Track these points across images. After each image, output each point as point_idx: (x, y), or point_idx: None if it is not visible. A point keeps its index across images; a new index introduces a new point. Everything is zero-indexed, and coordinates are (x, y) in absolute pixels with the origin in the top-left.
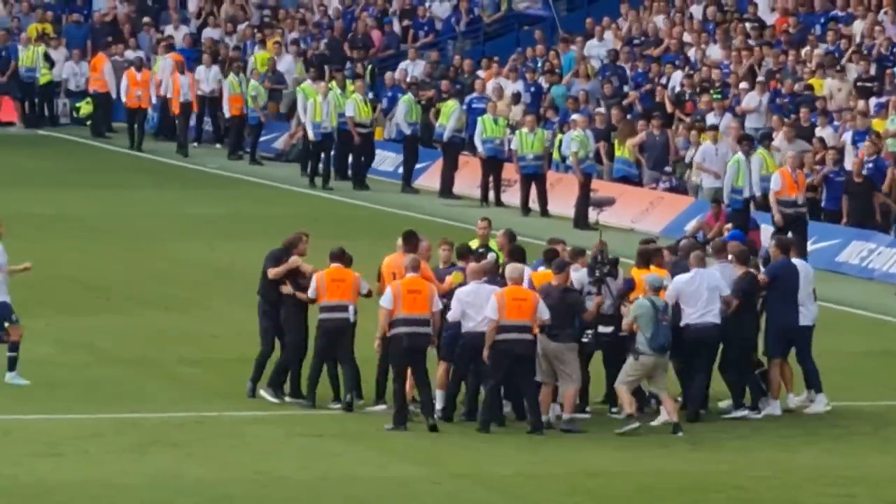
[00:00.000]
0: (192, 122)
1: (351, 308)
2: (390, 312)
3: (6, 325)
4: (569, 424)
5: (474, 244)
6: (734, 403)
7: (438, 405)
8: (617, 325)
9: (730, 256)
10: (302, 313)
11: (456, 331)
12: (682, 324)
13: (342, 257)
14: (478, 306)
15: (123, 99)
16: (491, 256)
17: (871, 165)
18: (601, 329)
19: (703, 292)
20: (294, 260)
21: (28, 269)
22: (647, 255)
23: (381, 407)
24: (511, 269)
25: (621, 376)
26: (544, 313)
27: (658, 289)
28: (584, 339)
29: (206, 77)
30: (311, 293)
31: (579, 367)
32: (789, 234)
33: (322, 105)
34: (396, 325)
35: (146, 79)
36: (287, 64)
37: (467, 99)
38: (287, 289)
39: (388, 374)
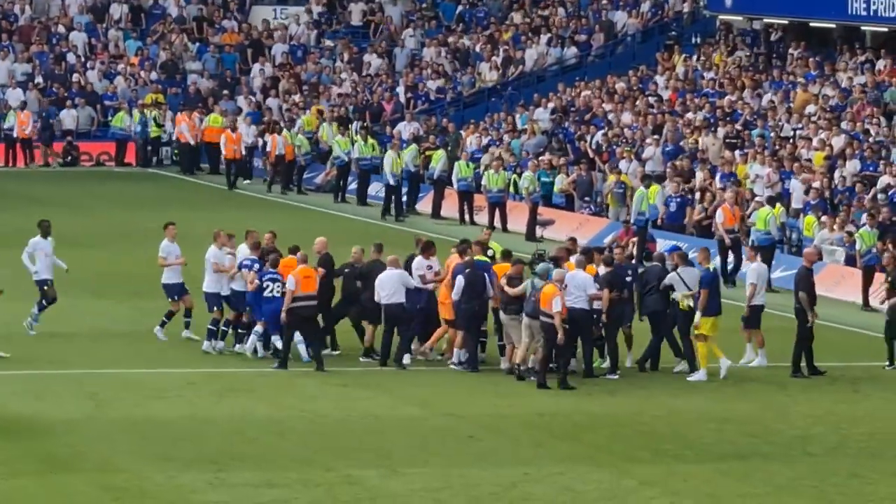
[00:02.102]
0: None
1: (316, 296)
2: (293, 292)
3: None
4: (539, 376)
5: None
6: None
7: (460, 359)
8: None
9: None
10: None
11: (464, 305)
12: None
13: (306, 260)
14: (383, 285)
15: (224, 152)
16: (489, 252)
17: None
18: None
19: (572, 287)
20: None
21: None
22: (589, 254)
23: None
24: (557, 272)
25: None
26: (557, 305)
27: (542, 275)
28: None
29: (248, 133)
30: (289, 286)
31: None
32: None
33: (397, 159)
34: (296, 301)
35: (239, 138)
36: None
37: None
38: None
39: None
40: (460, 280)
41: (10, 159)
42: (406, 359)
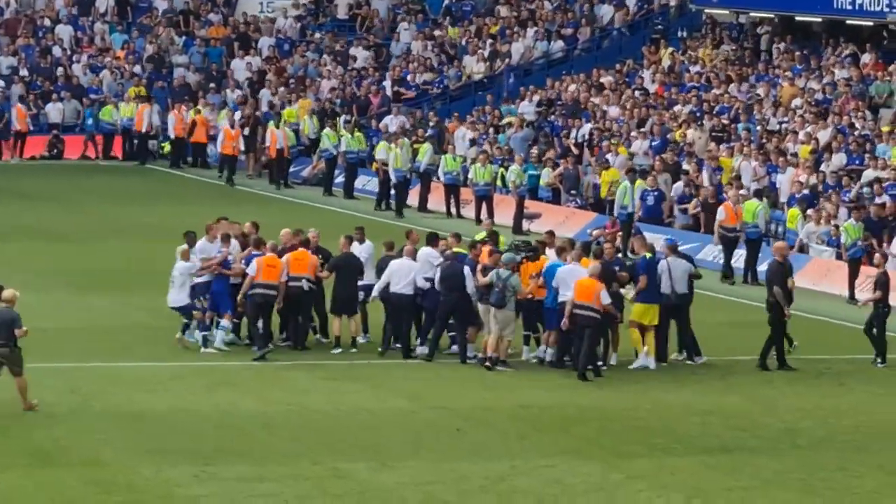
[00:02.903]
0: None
1: (277, 286)
2: (253, 278)
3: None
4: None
5: (480, 236)
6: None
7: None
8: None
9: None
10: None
11: (441, 297)
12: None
13: (275, 249)
14: (400, 275)
15: (219, 149)
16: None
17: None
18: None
19: (570, 281)
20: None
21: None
22: (588, 248)
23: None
24: (593, 266)
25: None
26: (606, 298)
27: (509, 264)
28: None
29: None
30: (250, 271)
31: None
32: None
33: (401, 155)
34: (256, 288)
35: (237, 134)
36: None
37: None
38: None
39: (253, 321)
40: (437, 272)
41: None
42: (419, 350)
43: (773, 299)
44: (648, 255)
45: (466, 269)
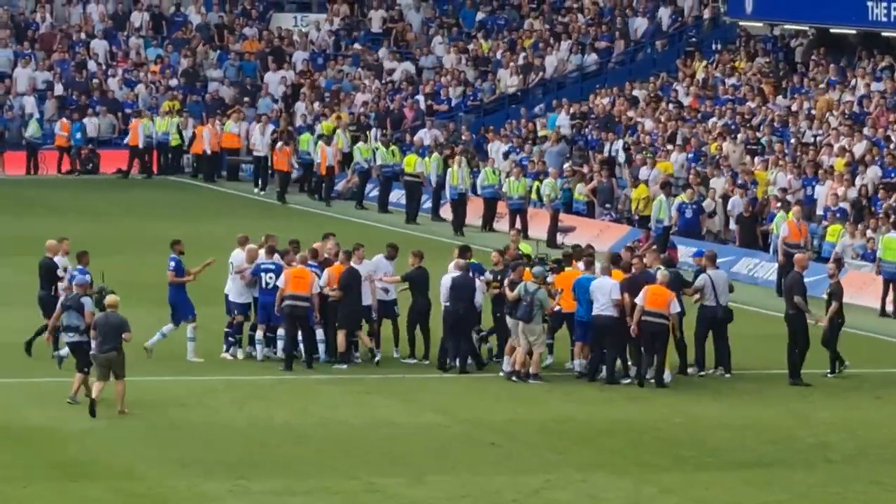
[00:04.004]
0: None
1: (307, 297)
2: (283, 290)
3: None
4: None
5: (525, 248)
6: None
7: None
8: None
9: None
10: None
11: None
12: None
13: (305, 261)
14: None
15: (272, 164)
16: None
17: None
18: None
19: (599, 294)
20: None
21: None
22: (616, 260)
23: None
24: (661, 273)
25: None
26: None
27: (538, 277)
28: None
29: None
30: (280, 284)
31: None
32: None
33: (458, 172)
34: (286, 300)
35: (292, 150)
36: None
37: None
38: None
39: (288, 333)
40: (447, 282)
41: (33, 167)
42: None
43: (794, 311)
44: (662, 268)
45: (478, 283)
